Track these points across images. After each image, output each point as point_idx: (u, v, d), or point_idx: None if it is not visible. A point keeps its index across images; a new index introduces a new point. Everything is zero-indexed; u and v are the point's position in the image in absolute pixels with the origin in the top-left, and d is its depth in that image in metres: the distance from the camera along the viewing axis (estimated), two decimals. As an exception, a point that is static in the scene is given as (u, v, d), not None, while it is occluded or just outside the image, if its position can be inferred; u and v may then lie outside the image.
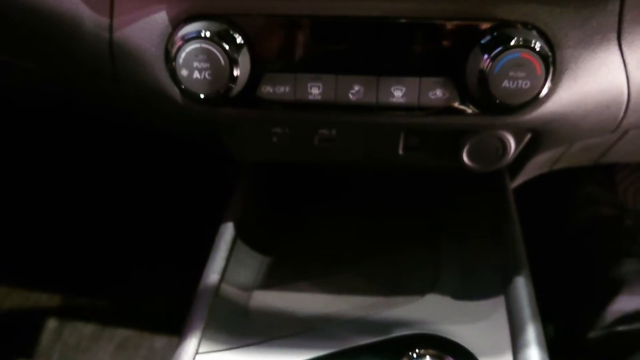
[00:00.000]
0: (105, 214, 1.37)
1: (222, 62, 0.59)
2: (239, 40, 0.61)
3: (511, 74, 0.58)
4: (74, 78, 0.75)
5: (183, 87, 0.61)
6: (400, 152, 0.78)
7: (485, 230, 0.85)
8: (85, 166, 1.42)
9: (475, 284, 0.74)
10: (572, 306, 1.24)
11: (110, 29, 0.64)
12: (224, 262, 0.74)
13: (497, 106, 0.61)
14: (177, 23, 0.62)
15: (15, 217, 1.38)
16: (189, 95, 0.62)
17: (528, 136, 0.76)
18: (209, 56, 0.59)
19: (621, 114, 0.69)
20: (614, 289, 1.26)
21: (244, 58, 0.61)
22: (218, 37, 0.59)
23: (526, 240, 0.84)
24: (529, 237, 0.93)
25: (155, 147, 1.20)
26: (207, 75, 0.60)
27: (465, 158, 0.76)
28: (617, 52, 0.62)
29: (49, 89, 0.88)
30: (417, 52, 0.62)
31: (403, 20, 0.61)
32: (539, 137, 0.76)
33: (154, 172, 1.38)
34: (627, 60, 0.63)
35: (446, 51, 0.62)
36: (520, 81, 0.59)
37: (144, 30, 0.63)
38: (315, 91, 0.63)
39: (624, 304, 1.24)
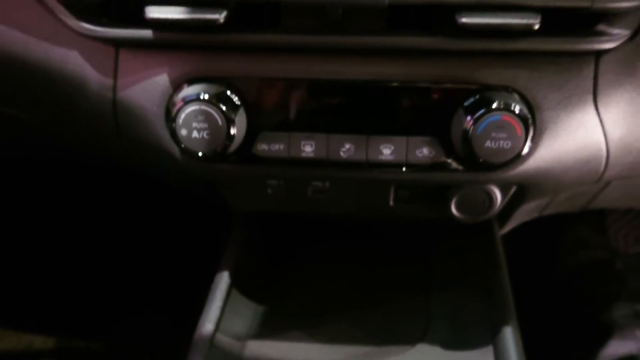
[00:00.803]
0: (101, 260, 1.38)
1: (220, 122, 0.62)
2: (236, 101, 0.65)
3: (493, 134, 0.62)
4: (76, 133, 0.78)
5: (183, 146, 0.64)
6: (391, 203, 0.81)
7: (475, 279, 0.87)
8: (82, 212, 1.44)
9: (465, 333, 0.76)
10: (564, 351, 1.24)
11: (114, 89, 0.68)
12: (219, 311, 0.75)
13: (480, 164, 0.64)
14: (177, 85, 0.65)
15: (11, 261, 1.39)
16: (188, 153, 0.65)
17: (513, 189, 0.79)
18: (207, 117, 0.62)
19: (602, 168, 0.72)
20: (606, 333, 1.28)
21: (241, 118, 0.65)
22: (216, 99, 0.62)
23: (516, 284, 0.86)
24: (519, 281, 0.95)
25: (152, 193, 1.22)
26: (205, 135, 0.63)
27: (453, 210, 0.79)
28: (594, 112, 0.66)
29: (51, 140, 0.92)
30: (405, 112, 0.65)
31: (391, 84, 0.65)
32: (524, 189, 0.79)
33: (151, 219, 1.40)
34: (604, 120, 0.67)
35: (432, 112, 0.65)
36: (501, 141, 0.62)
37: (146, 91, 0.66)
38: (308, 149, 0.66)
39: (616, 348, 1.25)
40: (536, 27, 0.58)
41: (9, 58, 0.70)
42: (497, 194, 0.77)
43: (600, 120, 0.67)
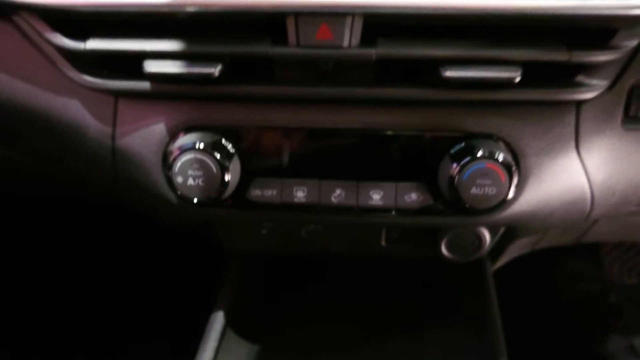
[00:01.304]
0: (103, 295, 1.39)
1: (215, 170, 0.65)
2: (230, 149, 0.67)
3: (478, 181, 0.64)
4: (75, 176, 0.81)
5: (179, 192, 0.66)
6: (383, 243, 0.83)
7: (466, 316, 0.88)
8: (84, 245, 1.46)
9: None
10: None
11: (113, 137, 0.70)
12: (213, 352, 0.77)
13: (467, 209, 0.66)
14: (174, 133, 0.67)
15: (17, 289, 1.40)
16: (184, 199, 0.67)
17: (502, 229, 0.81)
18: (203, 165, 0.65)
19: (587, 209, 0.74)
20: (601, 366, 1.28)
21: (235, 165, 0.67)
22: (211, 148, 0.65)
23: (511, 317, 0.87)
24: (513, 313, 0.96)
25: (152, 231, 1.24)
26: (200, 182, 0.65)
27: (443, 250, 0.81)
28: (577, 158, 0.68)
29: (49, 181, 0.94)
30: (393, 159, 0.68)
31: (380, 132, 0.67)
32: (512, 229, 0.81)
33: (151, 253, 1.41)
34: (586, 165, 0.69)
35: (420, 159, 0.68)
36: (487, 188, 0.64)
37: (144, 139, 0.69)
38: (300, 194, 0.69)
39: (611, 382, 1.25)
40: (517, 80, 0.60)
41: (11, 105, 0.72)
42: (486, 235, 0.79)
43: (583, 165, 0.69)
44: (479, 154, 0.63)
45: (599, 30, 0.61)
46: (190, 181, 0.65)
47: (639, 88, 0.66)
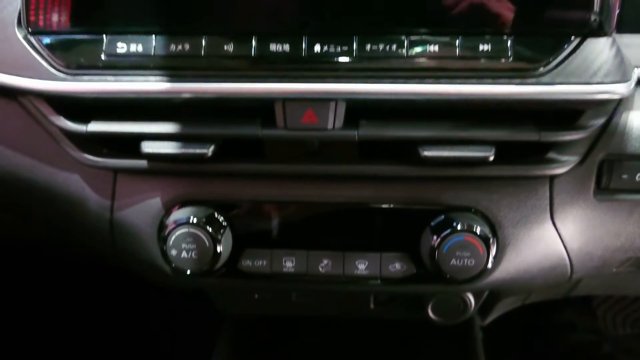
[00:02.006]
0: (96, 351, 1.40)
1: (207, 243, 0.68)
2: (223, 222, 0.71)
3: (457, 253, 0.67)
4: (73, 243, 0.84)
5: (173, 265, 0.70)
6: (371, 306, 0.85)
7: None
8: (78, 298, 1.47)
9: None
10: None
11: (112, 210, 0.74)
12: None
13: (448, 279, 0.69)
14: (169, 207, 0.71)
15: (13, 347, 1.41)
16: (177, 270, 0.70)
17: (486, 292, 0.83)
18: (196, 239, 0.68)
19: (568, 273, 0.77)
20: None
21: (227, 237, 0.70)
22: (204, 222, 0.68)
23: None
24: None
25: (147, 288, 1.26)
26: (193, 255, 0.69)
27: (430, 313, 0.84)
28: (552, 228, 0.72)
29: (49, 243, 0.97)
30: (377, 230, 0.71)
31: (364, 205, 0.71)
32: (496, 292, 0.84)
33: (145, 310, 1.43)
34: (562, 234, 0.72)
35: (402, 230, 0.71)
36: (466, 259, 0.67)
37: (141, 212, 0.72)
38: (289, 264, 0.72)
39: None
40: (491, 158, 0.64)
41: (15, 178, 0.76)
42: (471, 298, 0.82)
43: (559, 235, 0.72)
44: (458, 227, 0.67)
45: (566, 111, 0.65)
46: (184, 254, 0.69)
47: (609, 161, 0.70)
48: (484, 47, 0.61)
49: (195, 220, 0.68)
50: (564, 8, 0.61)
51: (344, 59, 0.62)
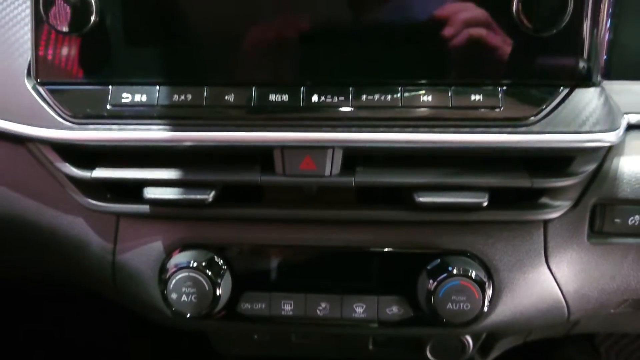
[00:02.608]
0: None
1: (207, 287, 0.69)
2: (222, 265, 0.72)
3: (453, 297, 0.68)
4: (76, 282, 0.85)
5: (173, 308, 0.71)
6: (370, 347, 0.86)
7: None
8: (78, 337, 1.47)
9: None
10: None
11: (114, 252, 0.75)
12: None
13: (444, 323, 0.69)
14: (170, 251, 0.73)
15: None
16: (177, 313, 0.71)
17: (484, 334, 0.84)
18: (196, 283, 0.69)
19: (565, 314, 0.77)
20: None
21: (226, 281, 0.72)
22: (204, 266, 0.70)
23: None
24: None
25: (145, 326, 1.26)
26: (193, 299, 0.70)
27: (429, 355, 0.84)
28: (547, 271, 0.73)
29: (52, 281, 0.98)
30: (375, 274, 0.72)
31: (361, 249, 0.72)
32: (495, 333, 0.84)
33: (144, 349, 1.43)
34: (557, 277, 0.73)
35: (399, 273, 0.72)
36: (462, 304, 0.68)
37: (142, 255, 0.74)
38: (287, 308, 0.73)
39: None
40: (484, 204, 0.66)
41: (20, 220, 0.78)
42: (469, 340, 0.83)
43: (554, 278, 0.73)
44: (454, 271, 0.68)
45: (558, 157, 0.67)
46: (184, 297, 0.70)
47: (601, 205, 0.71)
48: (476, 97, 0.63)
49: (195, 264, 0.69)
50: (553, 60, 0.63)
51: (340, 109, 0.64)
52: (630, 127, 0.71)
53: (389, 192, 0.70)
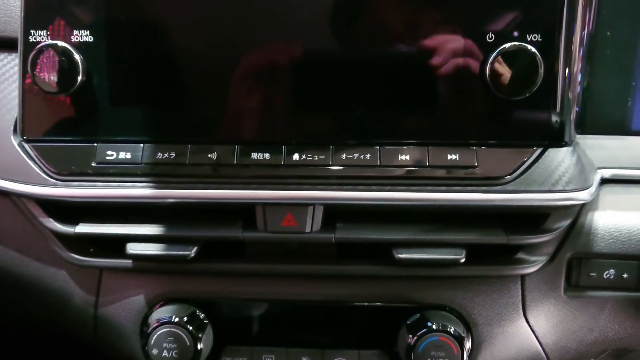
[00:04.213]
0: None
1: (188, 342, 0.70)
2: (204, 319, 0.72)
3: (433, 352, 0.69)
4: (57, 330, 0.85)
5: None
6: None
7: None
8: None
9: None
10: None
11: (96, 305, 0.76)
12: None
13: None
14: (152, 305, 0.73)
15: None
16: None
17: None
18: (177, 338, 0.70)
19: None
20: None
21: (208, 335, 0.72)
22: (185, 321, 0.70)
23: None
24: None
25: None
26: (174, 354, 0.70)
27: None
28: (525, 324, 0.74)
29: (34, 326, 0.97)
30: (356, 328, 0.73)
31: (342, 304, 0.73)
32: None
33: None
34: (535, 330, 0.75)
35: (380, 327, 0.73)
36: (441, 359, 0.69)
37: (124, 309, 0.74)
38: None
39: None
40: (462, 260, 0.67)
41: (4, 272, 0.78)
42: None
43: (533, 330, 0.74)
44: (433, 326, 0.69)
45: (533, 214, 0.68)
46: (165, 353, 0.70)
47: (577, 260, 0.73)
48: (453, 156, 0.65)
49: (176, 320, 0.70)
50: (525, 121, 0.65)
51: (320, 167, 0.65)
52: (604, 182, 0.74)
53: (369, 246, 0.72)
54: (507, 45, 0.62)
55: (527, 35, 0.63)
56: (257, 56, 0.64)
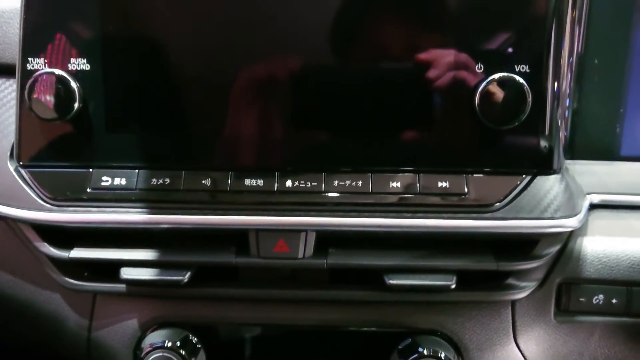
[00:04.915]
0: None
1: None
2: (197, 343, 0.73)
3: None
4: (50, 353, 0.85)
5: None
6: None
7: None
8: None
9: None
10: None
11: (89, 329, 0.76)
12: None
13: None
14: (146, 329, 0.74)
15: None
16: None
17: None
18: None
19: None
20: None
21: (201, 359, 0.72)
22: (178, 346, 0.71)
23: None
24: None
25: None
26: None
27: None
28: (516, 349, 0.75)
29: (27, 349, 0.97)
30: (348, 352, 0.74)
31: (335, 328, 0.74)
32: None
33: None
34: (526, 354, 0.75)
35: (371, 353, 0.74)
36: None
37: (118, 333, 0.75)
38: None
39: None
40: (452, 286, 0.68)
41: None
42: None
43: (523, 355, 0.75)
44: (424, 352, 0.70)
45: (523, 240, 0.69)
46: None
47: (567, 285, 0.74)
48: (443, 184, 0.66)
49: (169, 344, 0.70)
50: (514, 149, 0.66)
51: (313, 194, 0.66)
52: (593, 207, 0.75)
53: (362, 270, 0.72)
54: (496, 75, 0.63)
55: (516, 66, 0.64)
56: (250, 84, 0.65)
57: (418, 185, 0.66)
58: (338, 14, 0.64)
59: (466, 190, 0.66)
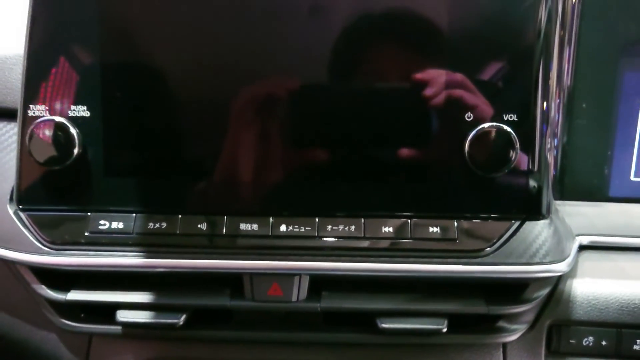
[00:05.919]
0: None
1: None
2: (192, 384, 0.73)
3: None
4: None
5: None
6: None
7: None
8: None
9: None
10: None
11: (85, 370, 0.77)
12: None
13: None
14: (142, 373, 0.74)
15: None
16: None
17: None
18: None
19: None
20: None
21: None
22: (173, 388, 0.71)
23: None
24: None
25: None
26: None
27: None
28: (509, 388, 0.75)
29: None
30: None
31: None
32: None
33: None
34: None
35: None
36: None
37: (114, 376, 0.75)
38: None
39: None
40: (444, 330, 0.69)
41: None
42: None
43: None
44: None
45: (513, 285, 0.71)
46: None
47: (557, 327, 0.75)
48: (434, 229, 0.68)
49: (164, 388, 0.71)
50: (503, 196, 0.68)
51: (307, 238, 0.67)
52: (582, 248, 0.76)
53: (355, 313, 0.73)
54: (485, 125, 0.65)
55: (504, 115, 0.66)
56: (245, 132, 0.67)
57: (410, 230, 0.68)
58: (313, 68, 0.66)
59: (457, 235, 0.67)
